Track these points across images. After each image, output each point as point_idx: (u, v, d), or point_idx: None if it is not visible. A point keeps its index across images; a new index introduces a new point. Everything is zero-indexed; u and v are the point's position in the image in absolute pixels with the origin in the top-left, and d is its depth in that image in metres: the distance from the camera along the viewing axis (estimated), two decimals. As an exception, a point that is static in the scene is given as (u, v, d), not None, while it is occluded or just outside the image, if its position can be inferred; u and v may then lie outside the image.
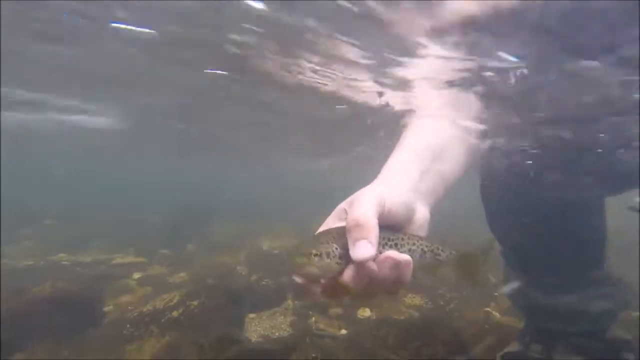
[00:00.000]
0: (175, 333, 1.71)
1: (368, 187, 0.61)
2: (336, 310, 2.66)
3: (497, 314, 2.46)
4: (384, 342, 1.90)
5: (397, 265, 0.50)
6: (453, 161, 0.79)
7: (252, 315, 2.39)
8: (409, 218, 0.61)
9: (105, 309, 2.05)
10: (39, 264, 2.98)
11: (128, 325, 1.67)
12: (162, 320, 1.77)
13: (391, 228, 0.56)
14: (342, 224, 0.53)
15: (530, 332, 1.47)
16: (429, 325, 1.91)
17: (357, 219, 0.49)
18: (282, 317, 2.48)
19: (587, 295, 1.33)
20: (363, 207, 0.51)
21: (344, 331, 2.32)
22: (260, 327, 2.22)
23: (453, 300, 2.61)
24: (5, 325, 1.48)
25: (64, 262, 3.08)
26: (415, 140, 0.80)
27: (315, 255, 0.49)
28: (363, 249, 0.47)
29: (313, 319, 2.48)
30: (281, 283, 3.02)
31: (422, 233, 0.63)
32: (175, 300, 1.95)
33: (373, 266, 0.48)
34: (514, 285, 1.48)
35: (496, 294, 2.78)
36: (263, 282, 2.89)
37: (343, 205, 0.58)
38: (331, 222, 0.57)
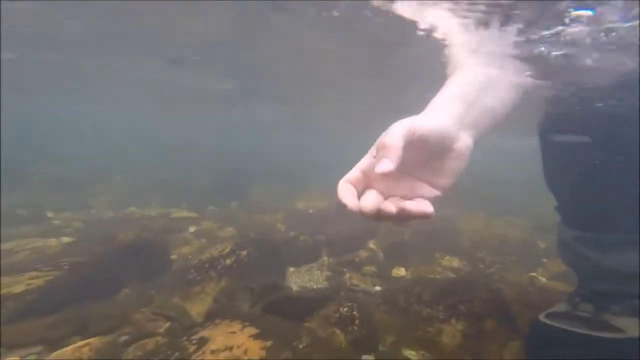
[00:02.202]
0: (229, 278, 2.03)
1: (412, 119, 0.63)
2: (370, 268, 2.85)
3: (543, 279, 2.41)
4: (418, 298, 2.02)
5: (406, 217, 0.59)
6: (502, 96, 0.80)
7: (291, 269, 2.69)
8: (447, 146, 0.65)
9: (172, 256, 2.47)
10: (118, 216, 3.59)
11: (192, 271, 2.02)
12: (219, 267, 2.10)
13: (428, 154, 0.63)
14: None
15: (581, 293, 1.43)
16: (466, 284, 1.94)
17: (384, 141, 0.57)
18: (318, 272, 2.75)
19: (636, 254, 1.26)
20: (391, 132, 0.58)
21: (378, 287, 2.51)
22: (300, 279, 2.51)
23: (495, 264, 2.61)
24: (104, 266, 1.90)
25: (136, 215, 3.66)
26: (463, 75, 0.82)
27: None
28: (384, 165, 0.53)
29: (347, 275, 2.71)
30: (317, 240, 3.27)
31: (463, 161, 0.67)
32: (227, 250, 2.26)
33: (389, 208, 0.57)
34: (568, 243, 1.43)
35: (545, 260, 2.69)
36: (301, 238, 3.15)
37: (382, 136, 0.62)
38: (367, 156, 0.65)
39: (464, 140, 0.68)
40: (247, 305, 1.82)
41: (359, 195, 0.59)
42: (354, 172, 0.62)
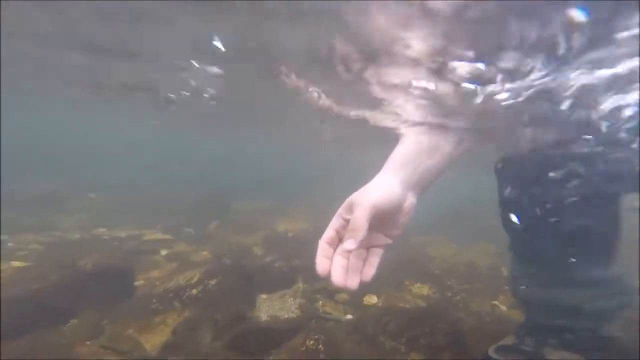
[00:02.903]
0: (194, 309, 1.97)
1: (369, 188, 0.86)
2: (343, 296, 2.84)
3: (503, 307, 2.47)
4: (384, 329, 2.03)
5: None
6: (438, 160, 1.03)
7: (264, 296, 2.64)
8: (398, 208, 0.87)
9: (137, 282, 2.39)
10: (84, 237, 3.46)
11: (154, 300, 1.96)
12: (184, 297, 2.05)
13: (384, 216, 0.84)
14: (347, 216, 0.81)
15: (527, 326, 1.51)
16: (430, 314, 2.00)
17: (353, 223, 0.77)
18: (291, 299, 2.72)
19: (589, 293, 1.34)
20: (359, 214, 0.77)
21: (349, 316, 2.50)
22: (270, 308, 2.46)
23: (461, 292, 2.66)
24: (57, 294, 1.82)
25: (104, 237, 3.54)
26: (409, 141, 1.03)
27: None
28: (350, 244, 0.75)
29: (320, 302, 2.68)
30: (293, 266, 3.24)
31: (409, 215, 0.90)
32: (195, 279, 2.21)
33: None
34: (518, 279, 1.52)
35: (506, 287, 2.76)
36: (276, 265, 3.12)
37: (348, 201, 0.84)
38: (337, 216, 0.84)
39: (410, 200, 0.90)
40: (208, 338, 1.77)
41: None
42: (330, 233, 0.81)
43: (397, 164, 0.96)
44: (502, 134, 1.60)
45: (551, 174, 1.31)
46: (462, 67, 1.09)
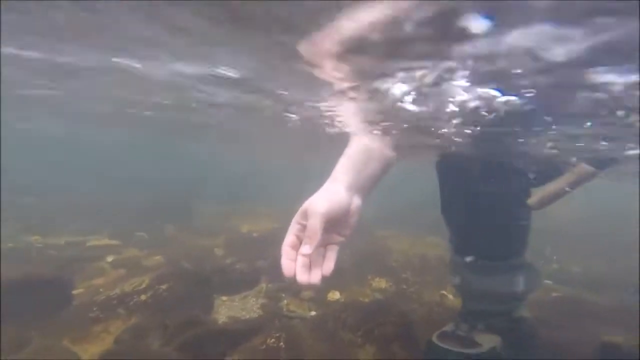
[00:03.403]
0: (142, 315, 1.83)
1: (320, 197, 0.98)
2: (308, 294, 2.83)
3: (450, 296, 2.65)
4: (344, 324, 2.08)
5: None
6: (378, 165, 1.15)
7: (224, 298, 2.54)
8: (347, 211, 0.99)
9: (75, 292, 2.16)
10: (17, 247, 3.05)
11: (95, 308, 1.79)
12: (130, 303, 1.89)
13: (335, 220, 0.96)
14: (303, 222, 0.91)
15: (463, 313, 1.65)
16: (385, 307, 2.10)
17: (309, 231, 0.87)
18: (254, 299, 2.64)
19: (507, 279, 1.51)
20: (312, 222, 0.88)
21: (313, 313, 2.50)
22: (230, 309, 2.37)
23: (415, 284, 2.79)
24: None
25: (38, 245, 3.15)
26: (354, 150, 1.16)
27: None
28: (306, 249, 0.84)
29: (285, 301, 2.65)
30: (256, 266, 3.16)
31: (357, 216, 1.01)
32: (144, 284, 2.06)
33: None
34: (454, 269, 1.66)
35: None
36: (237, 266, 3.02)
37: (303, 209, 0.94)
38: (294, 222, 0.94)
39: (356, 202, 1.03)
40: (157, 344, 1.65)
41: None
42: (290, 238, 0.91)
43: (343, 171, 1.09)
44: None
45: (483, 171, 1.44)
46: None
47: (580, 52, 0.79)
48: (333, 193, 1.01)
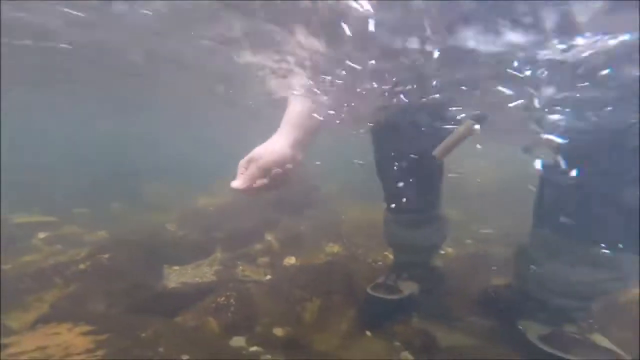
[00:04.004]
0: (82, 283, 1.79)
1: (265, 148, 1.21)
2: (264, 259, 2.95)
3: (391, 256, 2.94)
4: (296, 283, 2.24)
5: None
6: (316, 123, 1.30)
7: (175, 267, 2.54)
8: (287, 162, 1.19)
9: (3, 267, 2.01)
10: None
11: (26, 279, 1.70)
12: (67, 273, 1.82)
13: (277, 169, 1.19)
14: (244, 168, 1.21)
15: (393, 265, 1.89)
16: (335, 268, 2.29)
17: (247, 173, 1.17)
18: (208, 267, 2.68)
19: (428, 231, 1.73)
20: (252, 170, 1.16)
21: (268, 277, 2.62)
22: (182, 277, 2.39)
23: (363, 247, 3.03)
24: None
25: (-52, 224, 2.79)
26: (295, 109, 1.29)
27: None
28: (235, 183, 1.20)
29: (240, 268, 2.74)
30: (212, 237, 3.18)
31: (298, 168, 1.22)
32: (82, 254, 1.99)
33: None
34: (387, 225, 1.86)
35: None
36: (191, 237, 3.01)
37: (248, 156, 1.19)
38: (240, 166, 1.20)
39: (297, 156, 1.22)
40: (102, 307, 1.64)
41: None
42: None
43: (290, 127, 1.23)
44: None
45: (413, 130, 1.59)
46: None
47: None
48: (277, 146, 1.18)
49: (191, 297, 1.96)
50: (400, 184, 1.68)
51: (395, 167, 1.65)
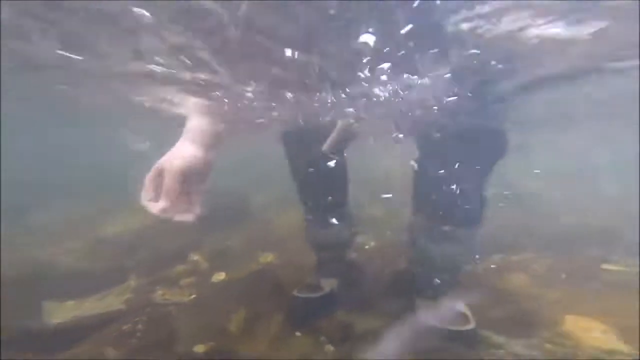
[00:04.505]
0: None
1: (174, 155, 1.13)
2: (189, 280, 2.68)
3: None
4: (224, 298, 2.10)
5: None
6: (218, 128, 1.28)
7: (70, 302, 2.11)
8: (200, 164, 1.15)
9: None
10: None
11: None
12: None
13: (190, 175, 1.13)
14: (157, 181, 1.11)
15: (315, 264, 1.92)
16: (266, 277, 2.24)
17: (166, 187, 1.07)
18: (115, 297, 2.31)
19: (339, 227, 1.81)
20: (169, 180, 1.07)
21: (193, 296, 2.38)
22: (75, 311, 2.00)
23: (296, 252, 2.95)
24: None
25: None
26: (193, 119, 1.27)
27: None
28: (162, 205, 1.09)
29: (160, 292, 2.43)
30: (123, 265, 2.78)
31: (210, 170, 1.19)
32: None
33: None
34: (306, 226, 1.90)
35: None
36: (97, 266, 2.57)
37: (156, 168, 1.09)
38: (149, 181, 1.10)
39: (208, 158, 1.19)
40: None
41: None
42: (150, 194, 1.10)
43: (192, 133, 1.21)
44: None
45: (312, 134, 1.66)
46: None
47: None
48: (182, 150, 1.15)
49: (86, 330, 1.65)
50: (313, 187, 1.76)
51: (303, 169, 1.72)
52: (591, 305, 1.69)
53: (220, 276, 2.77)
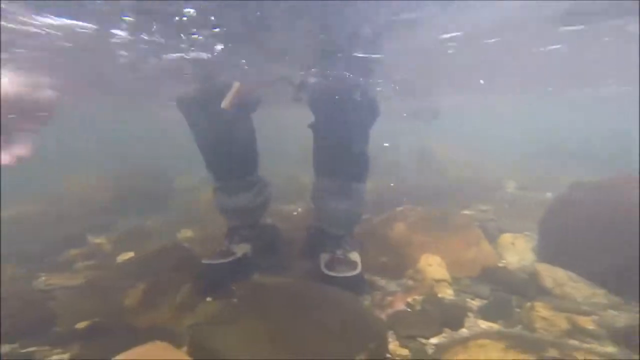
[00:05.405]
0: None
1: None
2: (86, 263, 2.43)
3: None
4: (124, 275, 1.94)
5: None
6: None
7: None
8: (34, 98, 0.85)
9: None
10: None
11: None
12: None
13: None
14: None
15: (227, 231, 1.91)
16: (175, 252, 2.11)
17: None
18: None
19: (248, 194, 1.85)
20: None
21: (87, 279, 2.16)
22: None
23: (214, 225, 2.87)
24: None
25: None
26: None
27: None
28: None
29: (43, 278, 2.16)
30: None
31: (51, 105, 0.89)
32: None
33: None
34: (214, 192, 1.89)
35: None
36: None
37: None
38: None
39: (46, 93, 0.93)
40: None
41: None
42: None
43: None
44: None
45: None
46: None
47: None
48: (15, 80, 0.92)
49: None
50: (217, 153, 1.75)
51: (205, 134, 1.69)
52: (442, 244, 2.01)
53: (126, 255, 2.56)
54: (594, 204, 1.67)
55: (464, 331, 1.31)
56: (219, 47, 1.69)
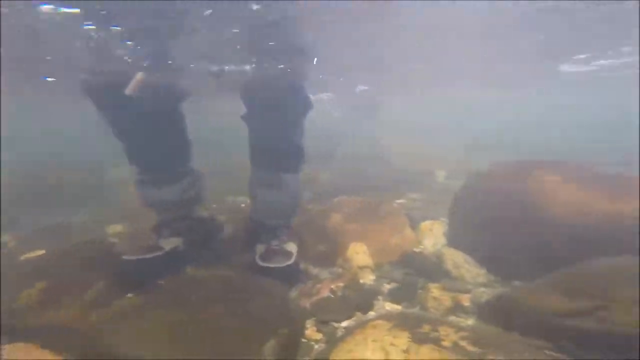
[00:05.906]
0: None
1: None
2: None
3: None
4: (21, 274, 1.77)
5: None
6: None
7: None
8: None
9: None
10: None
11: None
12: None
13: None
14: None
15: (155, 225, 1.85)
16: (94, 248, 2.02)
17: None
18: None
19: (176, 187, 1.80)
20: None
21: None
22: None
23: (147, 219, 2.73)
24: None
25: None
26: None
27: None
28: None
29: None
30: None
31: None
32: None
33: None
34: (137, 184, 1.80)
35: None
36: None
37: None
38: None
39: None
40: None
41: None
42: None
43: None
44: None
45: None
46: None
47: None
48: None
49: None
50: (136, 144, 1.66)
51: (131, 127, 1.59)
52: (371, 232, 2.18)
53: (35, 253, 2.30)
54: (485, 192, 1.95)
55: (371, 314, 1.48)
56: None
